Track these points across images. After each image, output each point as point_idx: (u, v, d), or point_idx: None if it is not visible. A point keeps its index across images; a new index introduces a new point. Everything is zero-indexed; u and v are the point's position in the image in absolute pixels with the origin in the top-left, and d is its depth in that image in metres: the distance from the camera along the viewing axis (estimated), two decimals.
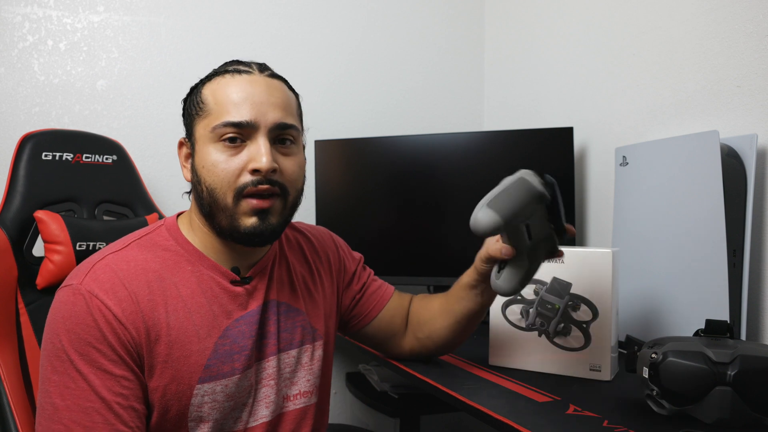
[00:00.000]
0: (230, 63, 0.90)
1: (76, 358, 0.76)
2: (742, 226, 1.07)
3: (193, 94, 0.89)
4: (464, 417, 1.87)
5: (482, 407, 0.89)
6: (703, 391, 0.83)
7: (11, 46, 1.51)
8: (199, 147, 0.86)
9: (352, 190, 1.71)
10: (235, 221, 0.83)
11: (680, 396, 0.84)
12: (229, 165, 0.82)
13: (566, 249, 1.06)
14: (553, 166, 1.52)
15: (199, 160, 0.85)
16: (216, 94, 0.85)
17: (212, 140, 0.84)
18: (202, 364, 0.83)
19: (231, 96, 0.84)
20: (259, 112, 0.83)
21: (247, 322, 0.88)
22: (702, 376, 0.83)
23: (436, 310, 1.08)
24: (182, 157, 0.91)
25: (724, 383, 0.82)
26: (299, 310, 0.96)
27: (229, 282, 0.88)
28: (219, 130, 0.83)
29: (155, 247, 0.87)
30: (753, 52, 1.12)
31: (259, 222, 0.83)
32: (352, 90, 1.86)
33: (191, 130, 0.88)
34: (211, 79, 0.88)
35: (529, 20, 1.80)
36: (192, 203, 0.90)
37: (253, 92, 0.84)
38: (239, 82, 0.85)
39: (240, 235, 0.84)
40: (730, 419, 0.82)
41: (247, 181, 0.82)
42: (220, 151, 0.83)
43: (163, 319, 0.81)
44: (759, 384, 0.81)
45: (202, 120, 0.85)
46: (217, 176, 0.83)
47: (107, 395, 0.76)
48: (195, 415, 0.83)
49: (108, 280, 0.80)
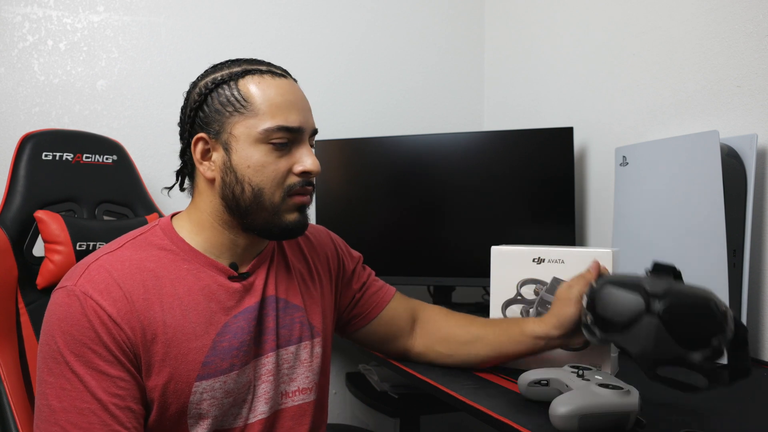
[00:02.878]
0: (256, 61, 0.89)
1: (71, 359, 0.76)
2: (742, 226, 1.07)
3: (221, 88, 0.85)
4: (464, 417, 1.87)
5: (482, 407, 0.89)
6: (630, 320, 0.82)
7: (11, 46, 1.51)
8: (239, 146, 0.84)
9: (352, 190, 1.71)
10: (279, 217, 0.87)
11: (610, 323, 0.85)
12: (278, 166, 0.86)
13: (566, 249, 1.07)
14: (553, 166, 1.52)
15: (242, 160, 0.85)
16: (266, 94, 0.85)
17: (260, 141, 0.84)
18: (200, 361, 0.83)
19: (278, 99, 0.86)
20: (305, 118, 0.88)
21: (246, 318, 0.88)
22: (632, 304, 0.82)
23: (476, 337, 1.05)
24: (199, 152, 0.87)
25: (653, 314, 0.80)
26: (298, 306, 0.96)
27: (226, 278, 0.88)
28: (273, 133, 0.84)
29: (150, 246, 0.87)
30: (753, 52, 1.13)
31: (300, 216, 0.89)
32: (352, 90, 1.86)
33: (222, 127, 0.85)
34: (243, 76, 0.86)
35: (529, 20, 1.80)
36: (204, 200, 0.89)
37: (296, 98, 0.88)
38: (281, 86, 0.87)
39: (279, 229, 0.88)
40: (654, 351, 0.80)
41: (295, 182, 0.87)
42: (267, 153, 0.85)
43: (159, 317, 0.81)
44: (687, 318, 0.80)
45: (245, 119, 0.84)
46: (266, 176, 0.85)
47: (103, 396, 0.76)
48: (194, 412, 0.83)
49: (102, 280, 0.80)
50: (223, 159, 0.86)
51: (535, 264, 1.07)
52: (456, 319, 1.10)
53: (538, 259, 1.07)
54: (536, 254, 1.07)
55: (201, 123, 0.87)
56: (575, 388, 0.83)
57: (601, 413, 0.77)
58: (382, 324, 1.09)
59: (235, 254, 0.90)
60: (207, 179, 0.88)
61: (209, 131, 0.86)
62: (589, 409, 0.77)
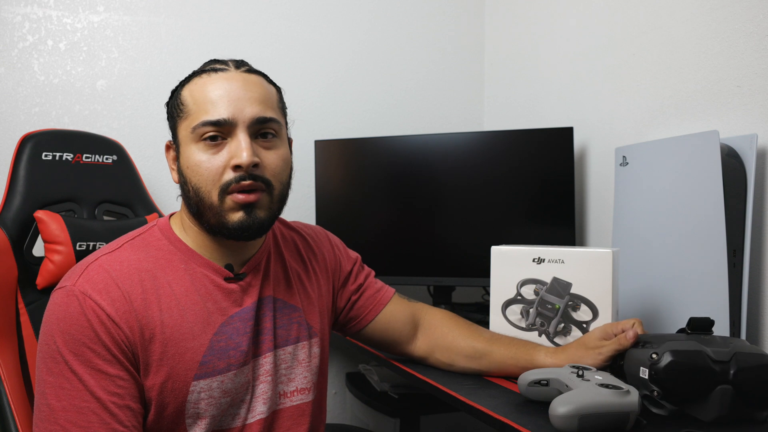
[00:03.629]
0: (208, 63, 0.91)
1: (70, 358, 0.76)
2: (742, 226, 1.07)
3: (173, 96, 0.90)
4: (464, 417, 1.87)
5: (482, 407, 0.89)
6: (706, 391, 0.83)
7: (11, 46, 1.51)
8: (182, 148, 0.87)
9: (352, 190, 1.71)
10: (222, 218, 0.84)
11: (683, 396, 0.84)
12: (211, 164, 0.83)
13: (566, 249, 1.07)
14: (553, 166, 1.52)
15: (184, 161, 0.86)
16: (194, 95, 0.86)
17: (194, 140, 0.85)
18: (197, 360, 0.83)
19: (208, 95, 0.85)
20: (236, 109, 0.84)
21: (242, 319, 0.88)
22: (706, 375, 0.83)
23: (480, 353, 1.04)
24: (170, 159, 0.92)
25: (726, 382, 0.82)
26: (295, 306, 0.96)
27: (222, 279, 0.88)
28: (199, 129, 0.84)
29: (148, 247, 0.87)
30: (753, 52, 1.12)
31: (246, 216, 0.84)
32: (352, 90, 1.86)
33: (175, 132, 0.89)
34: (189, 80, 0.89)
35: (529, 20, 1.80)
36: (182, 204, 0.91)
37: (229, 89, 0.85)
38: (215, 80, 0.86)
39: (228, 230, 0.85)
40: (728, 416, 0.82)
41: (230, 178, 0.83)
42: (202, 151, 0.84)
43: (156, 317, 0.81)
44: (754, 380, 0.82)
45: (183, 121, 0.87)
46: (201, 176, 0.84)
47: (102, 395, 0.76)
48: (192, 411, 0.83)
49: (101, 280, 0.80)
50: (178, 163, 0.89)
51: (535, 264, 1.07)
52: (461, 330, 1.07)
53: (538, 259, 1.07)
54: (536, 254, 1.07)
55: (170, 130, 0.92)
56: (575, 388, 0.83)
57: (601, 413, 0.78)
58: (379, 327, 1.08)
59: (226, 255, 0.90)
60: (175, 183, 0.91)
61: (172, 138, 0.91)
62: (589, 409, 0.77)
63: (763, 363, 0.83)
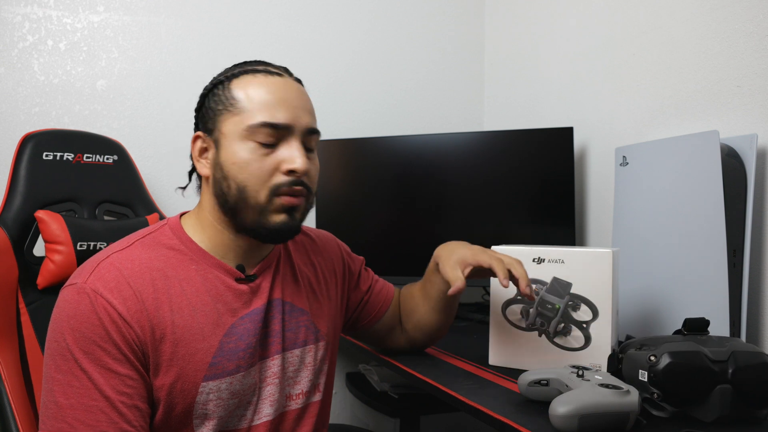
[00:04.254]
0: (257, 63, 0.90)
1: (80, 356, 0.76)
2: (742, 226, 1.07)
3: (217, 88, 0.88)
4: (464, 417, 1.87)
5: (482, 407, 0.89)
6: (705, 391, 0.83)
7: (11, 46, 1.51)
8: (227, 143, 0.85)
9: (352, 190, 1.71)
10: (265, 217, 0.85)
11: (683, 397, 0.84)
12: (263, 164, 0.84)
13: (566, 249, 1.07)
14: (553, 166, 1.52)
15: (227, 156, 0.85)
16: (249, 93, 0.85)
17: (244, 138, 0.84)
18: (207, 361, 0.83)
19: (266, 96, 0.85)
20: (294, 116, 0.86)
21: (252, 320, 0.88)
22: (705, 375, 0.83)
23: (418, 295, 1.12)
24: (196, 151, 0.90)
25: (725, 381, 0.82)
26: (303, 310, 0.97)
27: (233, 280, 0.88)
28: (256, 129, 0.84)
29: (159, 246, 0.87)
30: (753, 52, 1.13)
31: (288, 219, 0.86)
32: (352, 90, 1.86)
33: (214, 125, 0.87)
34: (238, 76, 0.87)
35: (529, 20, 1.80)
36: (204, 199, 0.90)
37: (288, 96, 0.86)
38: (273, 83, 0.86)
39: (267, 231, 0.86)
40: (729, 415, 0.83)
41: (282, 181, 0.84)
42: (252, 150, 0.84)
43: (167, 317, 0.81)
44: (753, 379, 0.83)
45: (233, 116, 0.85)
46: (250, 173, 0.84)
47: (111, 394, 0.76)
48: (200, 412, 0.83)
49: (113, 278, 0.80)
50: (214, 156, 0.87)
51: (535, 264, 1.07)
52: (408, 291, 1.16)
53: (538, 259, 1.07)
54: (536, 254, 1.07)
55: (200, 122, 0.90)
56: (575, 388, 0.83)
57: (600, 413, 0.78)
58: (386, 321, 1.14)
59: (239, 256, 0.90)
60: (204, 176, 0.90)
61: (205, 129, 0.89)
62: (589, 409, 0.77)
63: (760, 361, 0.83)
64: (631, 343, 0.92)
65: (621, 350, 0.93)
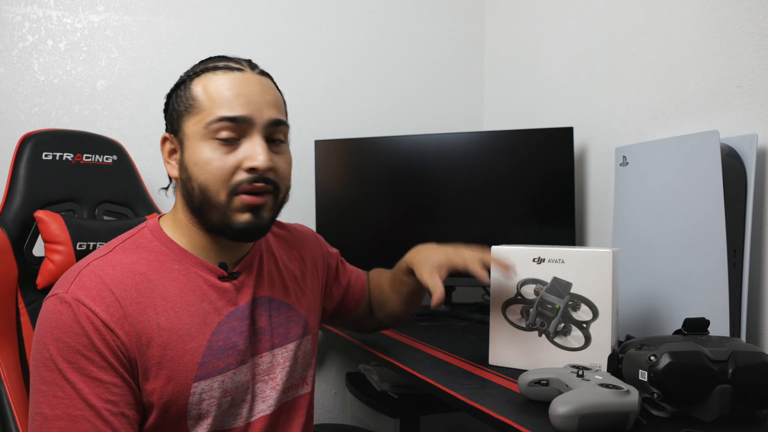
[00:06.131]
0: (218, 59, 0.89)
1: (64, 366, 0.75)
2: (742, 226, 1.07)
3: (179, 89, 0.88)
4: (464, 417, 1.87)
5: (482, 407, 0.89)
6: (706, 391, 0.83)
7: (11, 46, 1.51)
8: (189, 144, 0.85)
9: (352, 190, 1.71)
10: (228, 218, 0.84)
11: (683, 397, 0.84)
12: (223, 163, 0.82)
13: (566, 249, 1.07)
14: (553, 166, 1.52)
15: (190, 157, 0.84)
16: (208, 90, 0.84)
17: (205, 137, 0.83)
18: (197, 361, 0.82)
19: (225, 92, 0.83)
20: (254, 109, 0.83)
21: (238, 318, 0.88)
22: (705, 375, 0.83)
23: (388, 290, 1.15)
24: (165, 153, 0.90)
25: (725, 381, 0.82)
26: (290, 305, 0.97)
27: (216, 278, 0.88)
28: (213, 125, 0.82)
29: (140, 249, 0.86)
30: (753, 52, 1.12)
31: (253, 218, 0.84)
32: (352, 90, 1.86)
33: (178, 126, 0.87)
34: (199, 75, 0.86)
35: (529, 20, 1.80)
36: (178, 201, 0.90)
37: (247, 89, 0.84)
38: (232, 78, 0.84)
39: (232, 231, 0.84)
40: (729, 415, 0.82)
41: (242, 178, 0.82)
42: (213, 149, 0.82)
43: (153, 320, 0.80)
44: (753, 379, 0.83)
45: (192, 116, 0.85)
46: (211, 174, 0.82)
47: (96, 402, 0.75)
48: (194, 413, 0.83)
49: (94, 286, 0.79)
50: (180, 157, 0.87)
51: (535, 264, 1.07)
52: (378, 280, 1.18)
53: (538, 259, 1.07)
54: (536, 254, 1.07)
55: (167, 123, 0.90)
56: (575, 388, 0.83)
57: (600, 413, 0.78)
58: (362, 308, 1.18)
59: (219, 254, 0.89)
60: (173, 178, 0.90)
61: (172, 130, 0.89)
62: (589, 409, 0.77)
63: (760, 361, 0.83)
64: (631, 343, 0.92)
65: (621, 350, 0.93)
